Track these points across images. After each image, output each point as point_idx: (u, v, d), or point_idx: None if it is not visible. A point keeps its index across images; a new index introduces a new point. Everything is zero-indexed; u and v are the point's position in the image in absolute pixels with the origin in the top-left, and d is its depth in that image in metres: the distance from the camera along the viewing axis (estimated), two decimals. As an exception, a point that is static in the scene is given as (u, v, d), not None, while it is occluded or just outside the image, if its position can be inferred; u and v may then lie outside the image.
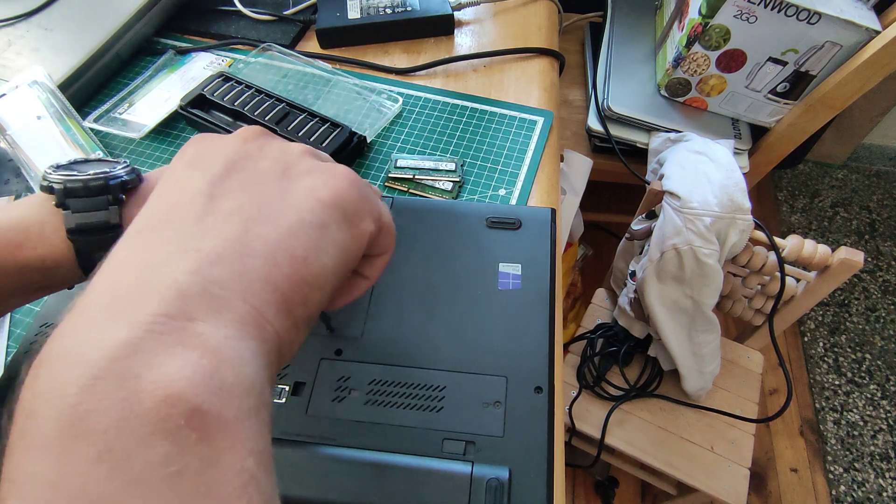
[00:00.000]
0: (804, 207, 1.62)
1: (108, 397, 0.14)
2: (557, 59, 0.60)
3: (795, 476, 1.18)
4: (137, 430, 0.13)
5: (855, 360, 1.34)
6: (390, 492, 0.29)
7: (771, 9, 0.72)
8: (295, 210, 0.20)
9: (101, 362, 0.14)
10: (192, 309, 0.16)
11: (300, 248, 0.19)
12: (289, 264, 0.19)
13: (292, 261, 0.19)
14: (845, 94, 0.78)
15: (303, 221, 0.20)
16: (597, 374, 0.87)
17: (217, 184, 0.20)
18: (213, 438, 0.14)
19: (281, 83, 0.55)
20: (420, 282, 0.37)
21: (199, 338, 0.15)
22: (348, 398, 0.33)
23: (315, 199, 0.21)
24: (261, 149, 0.22)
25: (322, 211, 0.21)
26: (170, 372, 0.14)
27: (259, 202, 0.20)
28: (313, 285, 0.20)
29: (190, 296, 0.16)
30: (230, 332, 0.16)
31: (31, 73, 0.50)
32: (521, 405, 0.32)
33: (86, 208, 0.27)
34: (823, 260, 0.68)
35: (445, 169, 0.47)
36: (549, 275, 0.37)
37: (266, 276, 0.18)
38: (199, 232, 0.18)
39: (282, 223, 0.19)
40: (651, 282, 0.73)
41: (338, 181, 0.22)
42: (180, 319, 0.16)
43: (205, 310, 0.16)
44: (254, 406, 0.16)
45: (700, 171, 0.71)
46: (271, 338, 0.18)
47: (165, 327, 0.15)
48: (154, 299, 0.16)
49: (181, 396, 0.14)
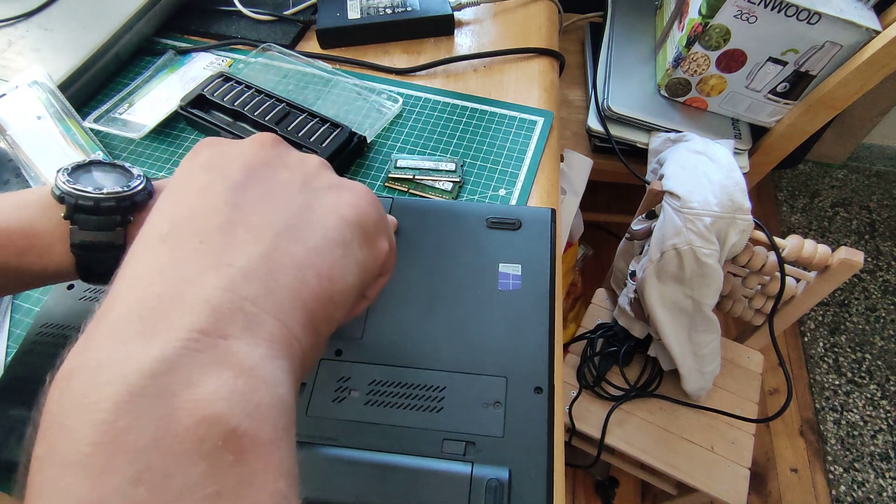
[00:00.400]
0: (804, 207, 1.62)
1: (146, 415, 0.13)
2: (557, 59, 0.60)
3: (795, 476, 1.18)
4: (175, 450, 0.13)
5: (855, 360, 1.34)
6: (390, 492, 0.29)
7: (771, 9, 0.72)
8: (321, 227, 0.20)
9: (137, 378, 0.14)
10: (225, 326, 0.16)
11: (326, 267, 0.19)
12: (316, 283, 0.19)
13: (319, 279, 0.19)
14: (845, 94, 0.78)
15: (328, 239, 0.20)
16: (597, 374, 0.87)
17: (239, 192, 0.20)
18: (248, 460, 0.14)
19: (281, 83, 0.55)
20: (420, 282, 0.37)
21: (235, 356, 0.15)
22: (348, 398, 0.33)
23: (339, 217, 0.21)
24: (278, 157, 0.22)
25: (346, 229, 0.21)
26: (207, 392, 0.14)
27: (285, 217, 0.20)
28: (337, 303, 0.20)
29: (223, 312, 0.16)
30: (264, 351, 0.16)
31: (31, 73, 0.50)
32: (521, 405, 0.32)
33: (93, 227, 0.27)
34: (823, 260, 0.68)
35: (445, 169, 0.47)
36: (549, 275, 0.37)
37: (296, 293, 0.18)
38: (227, 244, 0.18)
39: (309, 240, 0.20)
40: (651, 282, 0.73)
41: (359, 199, 0.22)
42: (214, 336, 0.15)
43: (238, 327, 0.16)
44: (285, 426, 0.16)
45: (700, 171, 0.71)
46: (298, 355, 0.18)
47: (200, 344, 0.15)
48: (187, 314, 0.16)
49: (219, 418, 0.14)
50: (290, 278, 0.18)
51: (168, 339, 0.15)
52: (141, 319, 0.15)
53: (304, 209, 0.20)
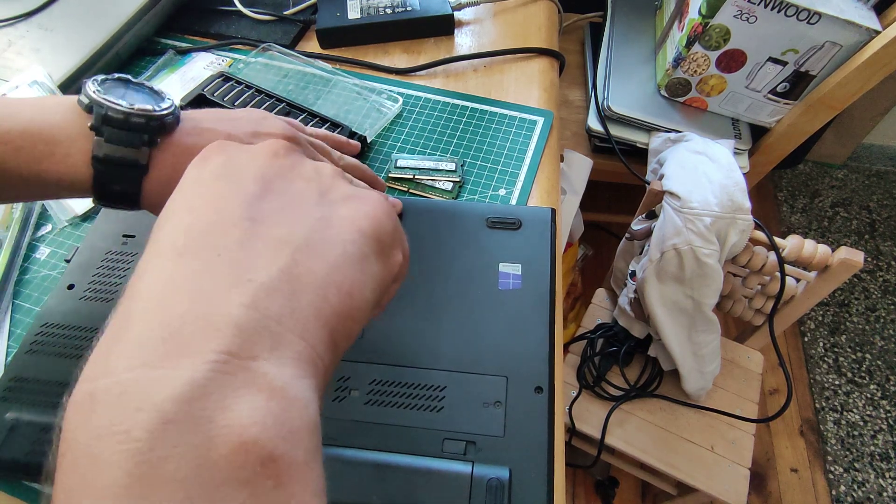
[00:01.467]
0: (804, 207, 1.62)
1: (182, 443, 0.13)
2: (557, 59, 0.60)
3: (795, 476, 1.18)
4: (216, 479, 0.13)
5: (855, 360, 1.34)
6: (390, 492, 0.29)
7: (771, 9, 0.72)
8: (339, 241, 0.20)
9: (169, 405, 0.13)
10: (253, 346, 0.15)
11: (346, 283, 0.19)
12: (337, 300, 0.19)
13: (340, 296, 0.19)
14: (845, 94, 0.78)
15: (347, 254, 0.20)
16: (597, 374, 0.87)
17: (255, 205, 0.19)
18: (286, 484, 0.14)
19: (281, 83, 0.55)
20: (420, 282, 0.37)
21: (265, 378, 0.15)
22: (348, 398, 0.33)
23: (356, 230, 0.21)
24: (293, 167, 0.22)
25: (363, 242, 0.21)
26: (242, 416, 0.14)
27: (304, 232, 0.19)
28: (356, 319, 0.20)
29: (249, 332, 0.16)
30: (292, 371, 0.16)
31: (31, 73, 0.50)
32: (521, 405, 0.32)
33: (120, 141, 0.26)
34: (823, 260, 0.68)
35: (445, 169, 0.47)
36: (549, 275, 0.37)
37: (318, 311, 0.18)
38: (247, 259, 0.18)
39: (329, 256, 0.19)
40: (651, 282, 0.73)
41: (375, 211, 0.22)
42: (244, 358, 0.15)
43: (266, 347, 0.16)
44: (317, 446, 0.16)
45: (700, 171, 0.71)
46: (322, 373, 0.18)
47: (230, 366, 0.15)
48: (214, 336, 0.15)
49: (256, 442, 0.13)
50: (312, 296, 0.18)
51: (196, 362, 0.14)
52: (164, 342, 0.15)
53: (322, 223, 0.20)
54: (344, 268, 0.19)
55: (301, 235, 0.19)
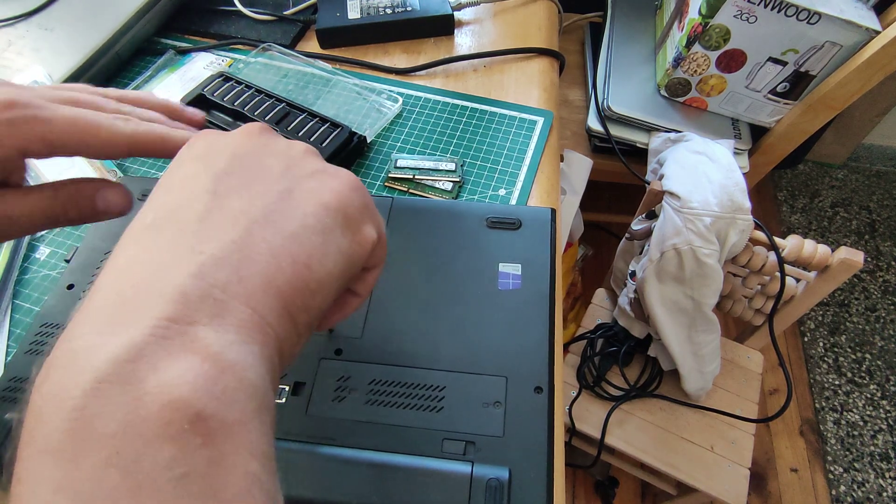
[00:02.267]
0: (804, 207, 1.62)
1: (113, 401, 0.14)
2: (557, 59, 0.60)
3: (795, 476, 1.18)
4: (144, 434, 0.13)
5: (855, 360, 1.34)
6: (390, 492, 0.29)
7: (771, 9, 0.72)
8: (299, 214, 0.20)
9: (105, 366, 0.14)
10: (193, 313, 0.16)
11: (303, 254, 0.19)
12: (292, 270, 0.19)
13: (295, 266, 0.19)
14: (845, 94, 0.78)
15: (306, 226, 0.20)
16: (597, 374, 0.87)
17: (222, 179, 0.20)
18: (216, 442, 0.14)
19: (281, 83, 0.55)
20: (420, 282, 0.37)
21: (202, 342, 0.16)
22: (348, 398, 0.33)
23: (319, 203, 0.21)
24: (265, 145, 0.22)
25: (325, 215, 0.21)
26: (173, 377, 0.14)
27: (263, 204, 0.20)
28: (315, 291, 0.20)
29: (192, 300, 0.16)
30: (232, 337, 0.16)
31: (31, 73, 0.50)
32: (521, 405, 0.32)
33: None
34: (823, 260, 0.68)
35: (445, 169, 0.47)
36: (549, 275, 0.37)
37: (269, 280, 0.18)
38: (202, 232, 0.18)
39: (286, 227, 0.19)
40: (651, 282, 0.73)
41: (341, 185, 0.22)
42: (182, 323, 0.16)
43: (207, 314, 0.16)
44: (256, 409, 0.16)
45: (700, 171, 0.71)
46: (273, 342, 0.18)
47: (168, 331, 0.15)
48: (158, 303, 0.16)
49: (185, 401, 0.14)
50: (264, 265, 0.18)
51: (137, 327, 0.15)
52: (115, 308, 0.16)
53: (283, 195, 0.20)
54: (302, 238, 0.19)
55: (259, 207, 0.19)
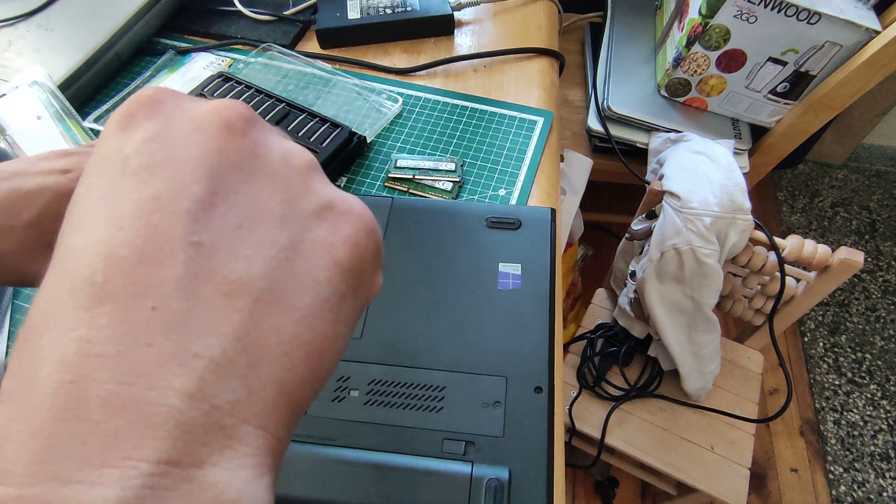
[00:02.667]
0: (804, 207, 1.62)
1: None
2: (557, 59, 0.60)
3: (795, 476, 1.18)
4: None
5: (855, 360, 1.34)
6: (390, 492, 0.29)
7: (771, 9, 0.72)
8: (311, 282, 0.14)
9: None
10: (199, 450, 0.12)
11: (318, 341, 0.14)
12: (305, 366, 0.14)
13: (308, 359, 0.14)
14: (845, 94, 0.78)
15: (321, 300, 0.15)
16: (597, 374, 0.87)
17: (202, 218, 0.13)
18: None
19: (281, 83, 0.55)
20: (420, 282, 0.37)
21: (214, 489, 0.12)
22: (348, 398, 0.33)
23: (332, 264, 0.15)
24: (254, 152, 0.15)
25: (340, 280, 0.15)
26: None
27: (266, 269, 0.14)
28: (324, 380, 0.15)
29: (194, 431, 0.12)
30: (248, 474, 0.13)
31: (31, 73, 0.50)
32: (521, 405, 0.32)
33: None
34: (823, 260, 0.68)
35: (445, 169, 0.47)
36: (549, 275, 0.37)
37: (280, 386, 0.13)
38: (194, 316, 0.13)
39: (298, 305, 0.14)
40: (651, 282, 0.73)
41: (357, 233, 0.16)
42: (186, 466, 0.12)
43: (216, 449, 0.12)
44: None
45: (700, 172, 0.71)
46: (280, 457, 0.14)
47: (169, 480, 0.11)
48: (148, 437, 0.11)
49: None
50: (276, 366, 0.13)
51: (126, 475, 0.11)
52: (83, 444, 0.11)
53: (289, 252, 0.14)
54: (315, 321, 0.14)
55: (262, 275, 0.14)
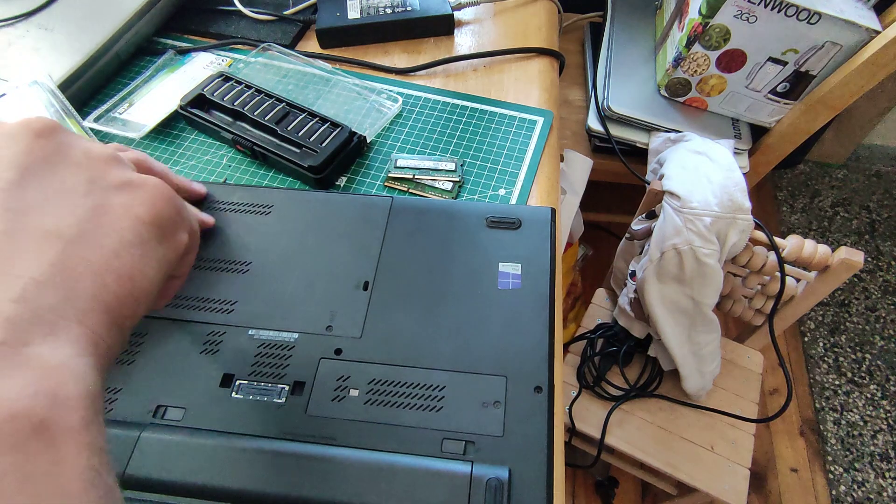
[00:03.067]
0: (804, 207, 1.62)
1: None
2: (557, 59, 0.60)
3: (795, 476, 1.18)
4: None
5: (855, 360, 1.34)
6: (390, 492, 0.29)
7: (771, 9, 0.72)
8: (116, 231, 0.20)
9: None
10: (25, 335, 0.17)
11: (126, 268, 0.20)
12: (117, 284, 0.20)
13: (119, 280, 0.20)
14: (845, 94, 0.78)
15: (124, 241, 0.20)
16: (597, 374, 0.87)
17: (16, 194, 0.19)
18: (59, 445, 0.16)
19: (281, 83, 0.55)
20: (420, 281, 0.37)
21: (39, 359, 0.17)
22: (348, 398, 0.33)
23: (133, 218, 0.21)
24: (58, 151, 0.21)
25: (142, 229, 0.21)
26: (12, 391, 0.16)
27: (75, 223, 0.20)
28: (140, 299, 0.21)
29: (20, 324, 0.17)
30: (69, 351, 0.17)
31: (31, 73, 0.50)
32: (520, 405, 0.32)
33: None
34: (823, 260, 0.68)
35: (445, 169, 0.47)
36: (549, 275, 0.37)
37: (96, 297, 0.19)
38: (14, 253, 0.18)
39: (105, 245, 0.20)
40: (651, 282, 0.73)
41: (153, 197, 0.22)
42: (15, 346, 0.16)
43: (39, 334, 0.17)
44: (93, 412, 0.17)
45: (700, 172, 0.71)
46: (104, 351, 0.19)
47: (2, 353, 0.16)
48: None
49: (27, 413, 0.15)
50: (89, 283, 0.19)
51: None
52: None
53: (95, 212, 0.20)
54: (122, 255, 0.20)
55: (72, 227, 0.19)
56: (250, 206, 0.41)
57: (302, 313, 0.36)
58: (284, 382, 0.33)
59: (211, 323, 0.36)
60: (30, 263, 0.18)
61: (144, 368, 0.34)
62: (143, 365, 0.34)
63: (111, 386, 0.33)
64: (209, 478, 0.29)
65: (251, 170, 0.48)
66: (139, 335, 0.35)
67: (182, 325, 0.36)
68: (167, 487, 0.29)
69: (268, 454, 0.30)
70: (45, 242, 0.19)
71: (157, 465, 0.30)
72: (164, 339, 0.35)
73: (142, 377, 0.33)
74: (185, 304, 0.36)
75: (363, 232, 0.40)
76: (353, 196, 0.42)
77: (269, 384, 0.33)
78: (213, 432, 0.31)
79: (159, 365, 0.34)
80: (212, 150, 0.50)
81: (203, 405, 0.32)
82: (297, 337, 0.35)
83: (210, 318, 0.36)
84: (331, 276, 0.38)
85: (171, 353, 0.34)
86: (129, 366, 0.34)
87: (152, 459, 0.30)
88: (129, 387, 0.33)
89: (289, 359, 0.34)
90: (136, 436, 0.30)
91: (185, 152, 0.50)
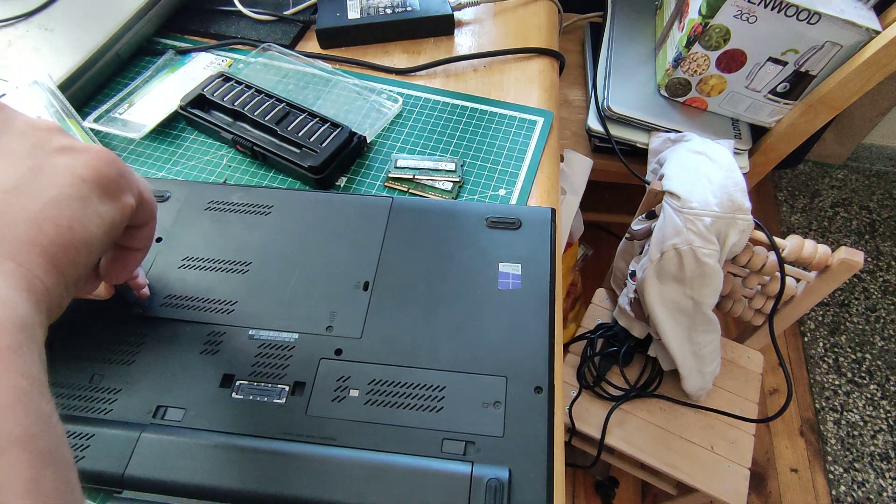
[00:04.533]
0: (804, 207, 1.62)
1: None
2: (557, 59, 0.60)
3: (795, 476, 1.18)
4: None
5: (855, 360, 1.34)
6: (390, 492, 0.29)
7: (771, 9, 0.72)
8: (55, 185, 0.22)
9: None
10: None
11: (64, 218, 0.22)
12: (54, 231, 0.21)
13: (57, 228, 0.21)
14: (845, 94, 0.78)
15: (63, 194, 0.22)
16: (597, 374, 0.87)
17: None
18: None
19: (281, 83, 0.55)
20: (420, 281, 0.37)
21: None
22: (348, 398, 0.33)
23: (73, 175, 0.23)
24: (4, 124, 0.23)
25: (82, 186, 0.23)
26: None
27: (14, 175, 0.21)
28: (81, 249, 0.22)
29: None
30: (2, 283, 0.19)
31: (31, 73, 0.50)
32: (521, 405, 0.32)
33: None
34: (823, 260, 0.68)
35: (445, 169, 0.47)
36: (549, 275, 0.37)
37: (31, 240, 0.20)
38: None
39: (43, 195, 0.21)
40: (651, 282, 0.73)
41: (94, 160, 0.24)
42: None
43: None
44: (26, 339, 0.18)
45: (700, 172, 0.71)
46: (42, 292, 0.20)
47: None
48: None
49: None
50: (25, 228, 0.20)
51: None
52: None
53: (34, 170, 0.22)
54: (61, 205, 0.22)
55: (10, 179, 0.21)
56: (250, 206, 0.41)
57: (302, 313, 0.36)
58: (284, 383, 0.33)
59: (211, 323, 0.36)
60: None
61: (144, 369, 0.34)
62: (143, 365, 0.34)
63: (111, 386, 0.33)
64: (209, 478, 0.29)
65: (251, 170, 0.48)
66: (139, 335, 0.35)
67: (182, 325, 0.36)
68: (167, 488, 0.29)
69: (268, 454, 0.30)
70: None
71: (157, 466, 0.30)
72: (164, 340, 0.35)
73: (142, 377, 0.34)
74: (185, 305, 0.36)
75: (363, 232, 0.40)
76: (353, 196, 0.42)
77: (270, 384, 0.33)
78: (213, 433, 0.31)
79: (159, 365, 0.34)
80: (212, 151, 0.50)
81: (203, 406, 0.32)
82: (297, 337, 0.35)
83: (210, 318, 0.36)
84: (331, 276, 0.38)
85: (171, 354, 0.34)
86: (129, 366, 0.34)
87: (152, 460, 0.30)
88: (129, 387, 0.33)
89: (289, 359, 0.34)
90: (137, 436, 0.30)
91: (185, 152, 0.50)
